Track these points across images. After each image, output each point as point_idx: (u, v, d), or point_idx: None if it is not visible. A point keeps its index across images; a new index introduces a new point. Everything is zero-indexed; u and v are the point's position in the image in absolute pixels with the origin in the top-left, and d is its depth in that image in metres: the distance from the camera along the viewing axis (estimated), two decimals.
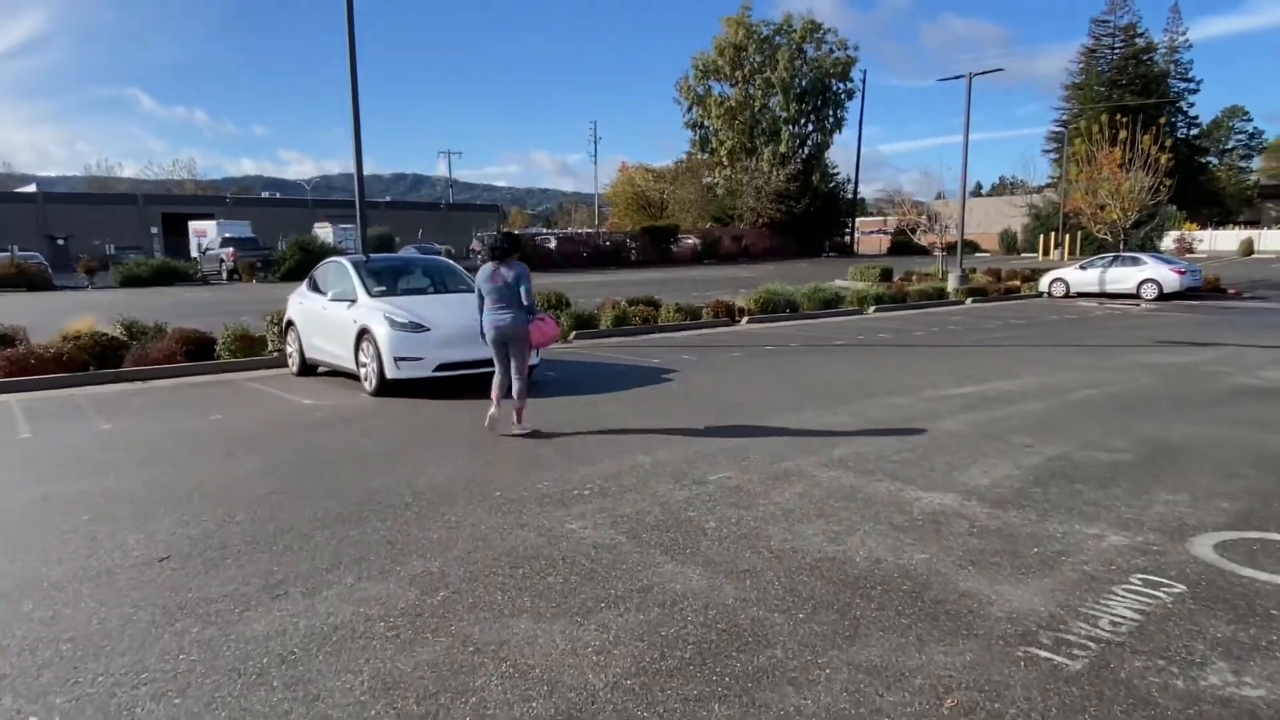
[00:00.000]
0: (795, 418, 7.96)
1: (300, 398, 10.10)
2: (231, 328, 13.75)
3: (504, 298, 7.40)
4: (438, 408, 9.06)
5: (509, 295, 7.38)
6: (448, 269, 12.17)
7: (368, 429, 8.02)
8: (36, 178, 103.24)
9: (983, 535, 4.58)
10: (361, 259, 12.05)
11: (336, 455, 6.92)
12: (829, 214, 58.92)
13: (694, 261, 50.02)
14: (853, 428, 7.46)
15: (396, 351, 9.72)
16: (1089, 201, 32.38)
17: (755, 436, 7.17)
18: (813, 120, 59.20)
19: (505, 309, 7.41)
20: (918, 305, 23.21)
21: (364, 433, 7.84)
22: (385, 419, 8.53)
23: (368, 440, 7.48)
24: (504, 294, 7.39)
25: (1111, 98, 72.78)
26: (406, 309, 10.17)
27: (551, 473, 6.12)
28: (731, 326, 18.37)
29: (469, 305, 11.10)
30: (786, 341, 14.99)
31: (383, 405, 9.39)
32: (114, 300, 28.19)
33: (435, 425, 8.13)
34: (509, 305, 7.39)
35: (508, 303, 7.39)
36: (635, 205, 69.14)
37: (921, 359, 12.43)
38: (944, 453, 6.47)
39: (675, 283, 32.24)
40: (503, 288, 7.38)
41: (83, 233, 56.89)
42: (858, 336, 15.82)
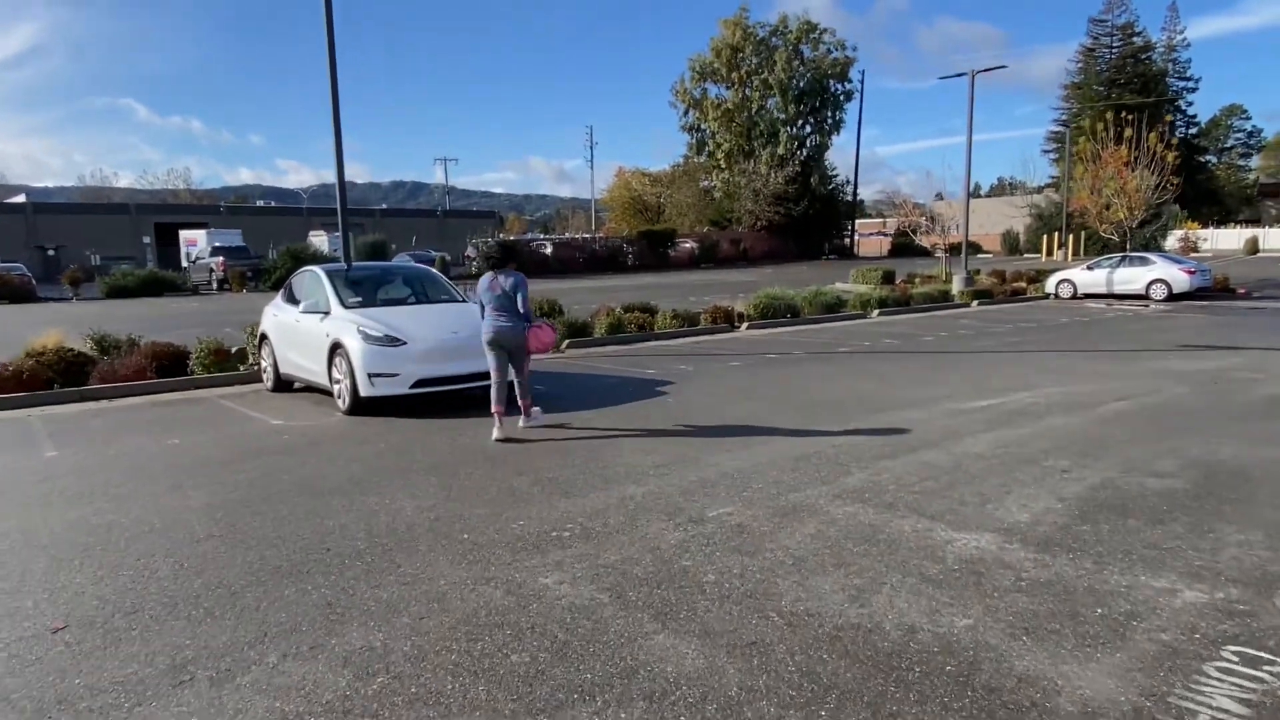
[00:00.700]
0: (802, 438, 7.25)
1: (270, 417, 9.39)
2: (205, 341, 13.05)
3: (502, 306, 7.68)
4: (415, 428, 8.35)
5: (507, 303, 7.67)
6: (429, 278, 11.46)
7: (335, 454, 7.31)
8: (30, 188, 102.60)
9: (1033, 591, 3.86)
10: (336, 267, 11.35)
11: (294, 487, 6.20)
12: (828, 216, 58.19)
13: (691, 266, 49.34)
14: (866, 449, 6.75)
15: (370, 367, 9.01)
16: (1094, 201, 31.72)
17: (758, 460, 6.45)
18: (811, 122, 58.51)
19: (504, 316, 7.68)
20: (923, 308, 22.53)
21: (330, 458, 7.13)
22: (356, 442, 7.81)
23: (332, 468, 6.76)
24: (502, 302, 7.68)
25: (1110, 97, 72.31)
26: (382, 321, 9.47)
27: (528, 508, 5.41)
28: (731, 333, 17.68)
29: (451, 316, 10.44)
30: (789, 349, 14.29)
31: (356, 426, 8.68)
32: (97, 312, 27.47)
33: (409, 448, 7.41)
34: (507, 313, 7.67)
35: (506, 311, 7.67)
36: (632, 210, 68.51)
37: (933, 367, 11.72)
38: (972, 480, 5.75)
39: (672, 288, 31.54)
40: (501, 296, 7.68)
41: (74, 243, 56.13)
42: (863, 343, 15.12)
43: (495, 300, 7.69)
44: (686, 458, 6.64)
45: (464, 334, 9.53)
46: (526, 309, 7.70)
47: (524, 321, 7.68)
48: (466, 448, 7.36)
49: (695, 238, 53.24)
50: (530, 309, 7.82)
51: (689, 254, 50.85)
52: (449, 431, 8.11)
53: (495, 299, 7.69)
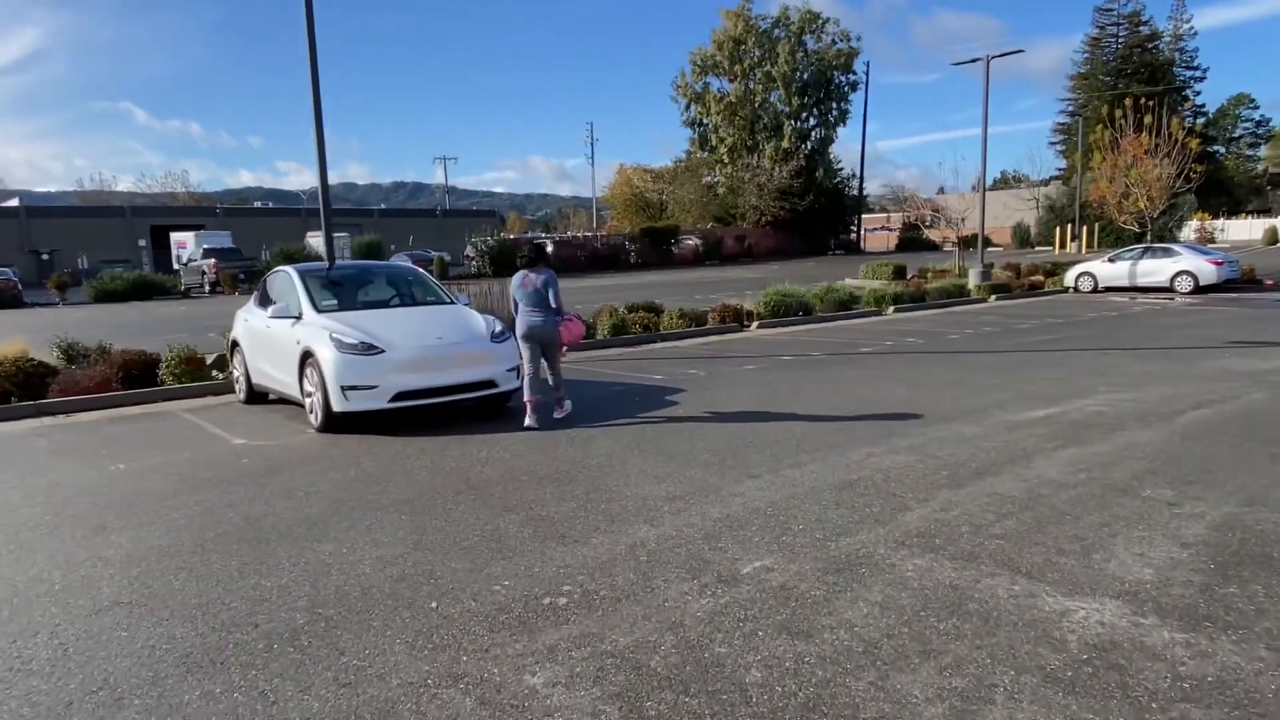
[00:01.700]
0: (840, 457, 6.20)
1: (233, 436, 8.36)
2: (176, 349, 12.03)
3: (535, 302, 8.09)
4: (393, 448, 7.31)
5: (539, 299, 8.08)
6: (415, 278, 10.41)
7: (295, 484, 6.27)
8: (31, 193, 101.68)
9: (1207, 700, 2.80)
10: (311, 267, 10.32)
11: (238, 530, 5.16)
12: (834, 211, 56.98)
13: (696, 263, 48.25)
14: (919, 474, 5.70)
15: (343, 379, 7.97)
16: (1113, 190, 30.63)
17: (793, 489, 5.41)
18: (815, 114, 57.26)
19: (537, 312, 8.08)
20: (939, 304, 21.46)
21: (288, 490, 6.09)
22: (322, 467, 6.77)
23: (288, 503, 5.72)
24: (535, 299, 8.09)
25: (1117, 86, 71.15)
26: (358, 326, 8.43)
27: (515, 560, 4.36)
28: (741, 333, 16.63)
29: (437, 320, 9.39)
30: (805, 350, 13.23)
31: (326, 446, 7.64)
32: (80, 318, 26.51)
33: (383, 475, 6.37)
34: (541, 309, 8.08)
35: (539, 307, 8.08)
36: (634, 207, 67.37)
37: (969, 370, 10.66)
38: (1062, 519, 4.70)
39: (677, 285, 30.48)
40: (533, 293, 8.09)
41: (69, 247, 55.24)
42: (885, 342, 14.06)
43: (528, 297, 8.08)
44: (706, 486, 5.59)
45: (451, 340, 8.50)
46: (559, 303, 8.15)
47: (556, 315, 8.12)
48: (450, 473, 6.32)
49: (699, 234, 52.13)
50: (562, 303, 8.26)
51: (693, 251, 49.76)
52: (432, 452, 7.07)
53: (528, 296, 8.08)
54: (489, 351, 8.63)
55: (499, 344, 8.78)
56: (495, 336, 8.83)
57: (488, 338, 8.73)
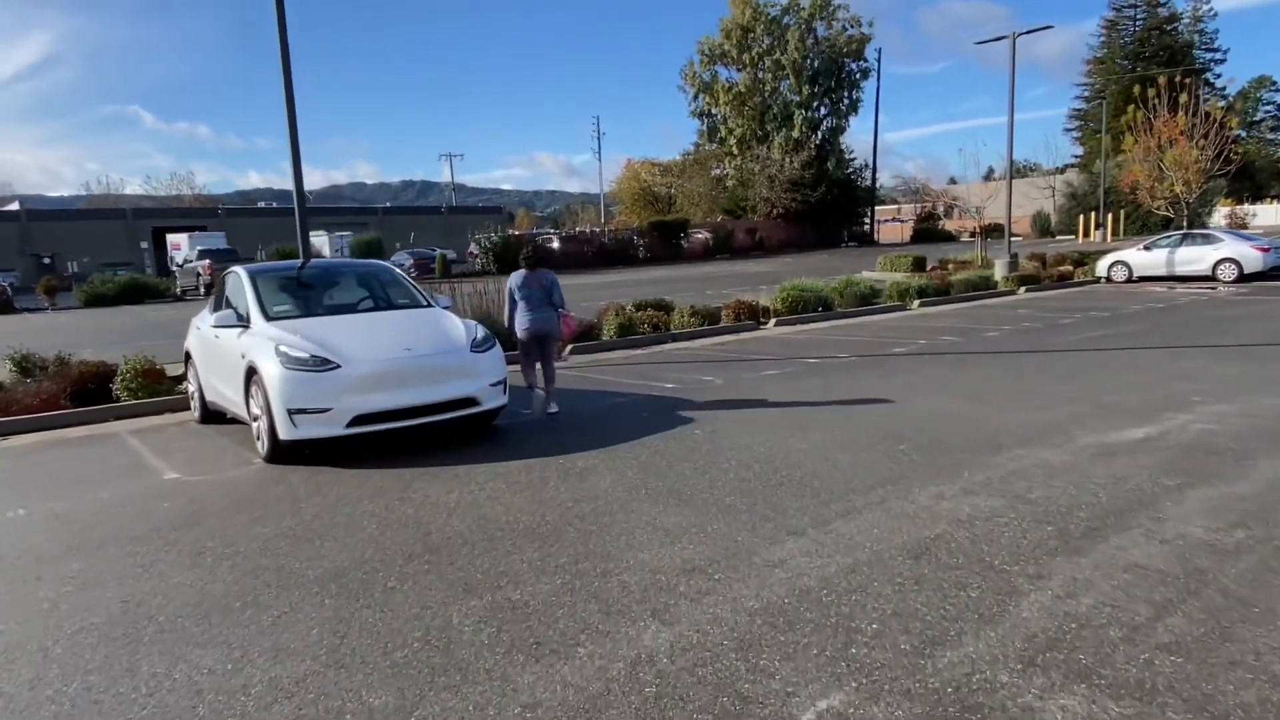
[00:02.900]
0: (903, 500, 4.84)
1: (169, 468, 7.07)
2: (133, 359, 10.77)
3: (542, 300, 8.28)
4: (346, 486, 5.98)
5: (543, 298, 8.29)
6: (388, 278, 9.07)
7: (211, 542, 4.95)
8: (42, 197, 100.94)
9: None
10: (266, 266, 9.03)
11: (107, 622, 3.85)
12: (846, 202, 55.27)
13: (706, 257, 46.81)
14: (1017, 530, 4.32)
15: (291, 400, 6.65)
16: (1147, 173, 28.99)
17: (852, 555, 4.05)
18: (826, 103, 55.55)
19: (541, 310, 8.25)
20: (966, 297, 19.99)
21: (197, 552, 4.77)
22: (253, 516, 5.46)
23: (188, 576, 4.40)
24: (539, 297, 8.28)
25: (1135, 70, 69.25)
26: (312, 337, 7.10)
27: (465, 692, 3.01)
28: (757, 331, 15.25)
29: (408, 327, 7.99)
30: (831, 351, 11.84)
31: (268, 483, 6.33)
32: (64, 323, 25.37)
33: (322, 530, 5.05)
34: (543, 307, 8.27)
35: (541, 304, 8.26)
36: (642, 201, 66.04)
37: (1026, 375, 9.26)
38: (1247, 611, 3.31)
39: (687, 281, 29.10)
40: (538, 292, 8.29)
41: (70, 250, 54.34)
42: (917, 341, 12.66)
43: (534, 296, 8.25)
44: (735, 549, 4.23)
45: (422, 351, 7.16)
46: (560, 298, 8.43)
47: (556, 311, 8.35)
48: (406, 526, 4.99)
49: (709, 228, 50.67)
50: (563, 299, 8.53)
51: (703, 245, 48.32)
52: (391, 493, 5.75)
53: (532, 294, 8.26)
54: (468, 363, 7.30)
55: (481, 354, 7.45)
56: (477, 345, 7.50)
57: (467, 347, 7.40)
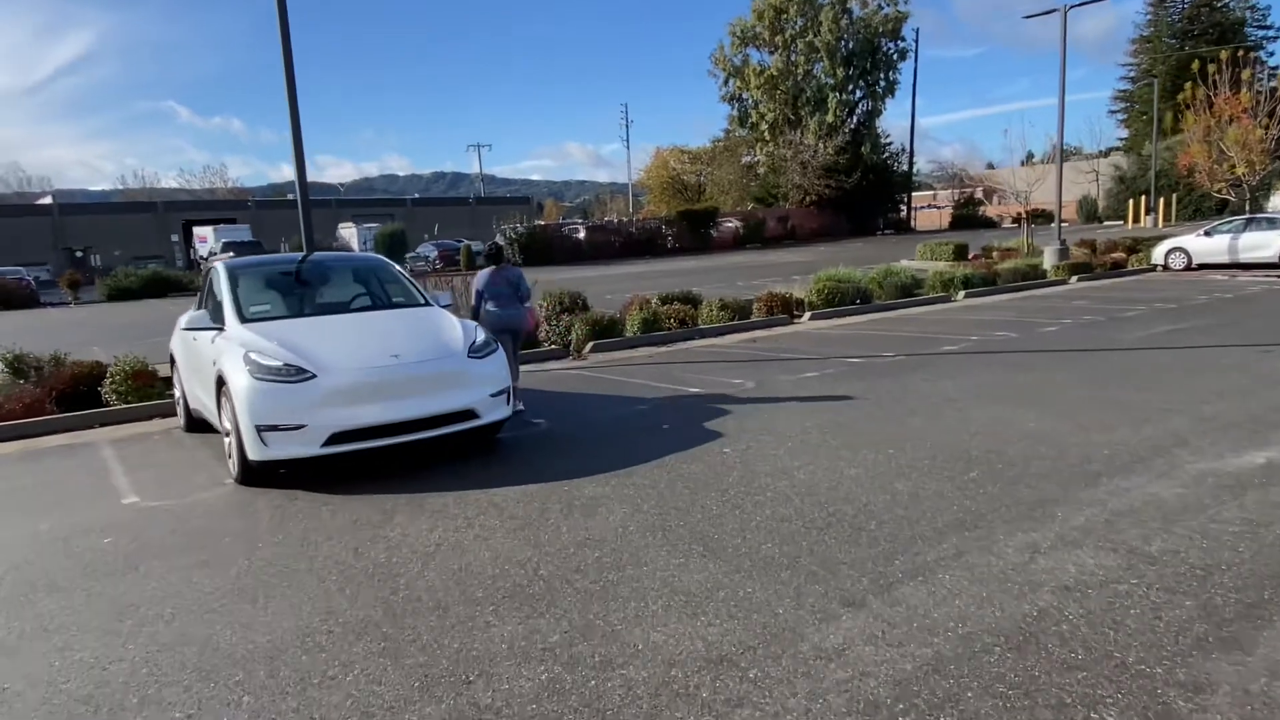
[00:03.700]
0: (988, 555, 3.85)
1: (132, 488, 6.30)
2: (123, 361, 10.08)
3: (510, 296, 8.20)
4: (318, 519, 5.12)
5: (510, 293, 8.21)
6: (385, 274, 8.18)
7: (146, 591, 4.12)
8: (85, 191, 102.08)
9: None
10: (249, 261, 8.22)
11: None
12: (882, 188, 53.52)
13: (736, 247, 45.60)
14: (1146, 604, 3.32)
15: (260, 415, 5.80)
16: (1206, 154, 27.29)
17: (930, 644, 3.08)
18: (862, 86, 53.77)
19: (509, 305, 8.17)
20: (1014, 287, 18.74)
21: (121, 610, 3.93)
22: (201, 557, 4.61)
23: (100, 647, 3.56)
24: (507, 293, 8.19)
25: (1184, 48, 66.45)
26: (289, 342, 6.26)
27: None
28: (791, 326, 14.23)
29: (397, 330, 6.84)
30: (874, 348, 10.79)
31: (233, 512, 5.50)
32: (82, 318, 25.03)
33: (280, 579, 4.19)
34: (511, 302, 8.19)
35: (509, 300, 8.19)
36: (671, 190, 64.88)
37: (1101, 379, 8.15)
38: None
39: (716, 271, 28.05)
40: (505, 288, 8.19)
41: (102, 243, 54.65)
42: (968, 337, 11.56)
43: (502, 292, 8.16)
44: (775, 630, 3.27)
45: (412, 357, 6.27)
46: (526, 292, 8.44)
47: (523, 306, 8.34)
48: (371, 580, 4.10)
49: (739, 216, 49.40)
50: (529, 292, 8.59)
51: (733, 234, 47.08)
52: (367, 529, 4.87)
53: (502, 291, 8.17)
54: (465, 371, 6.40)
55: (481, 360, 6.56)
56: (476, 350, 6.61)
57: (464, 352, 6.51)
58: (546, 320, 13.38)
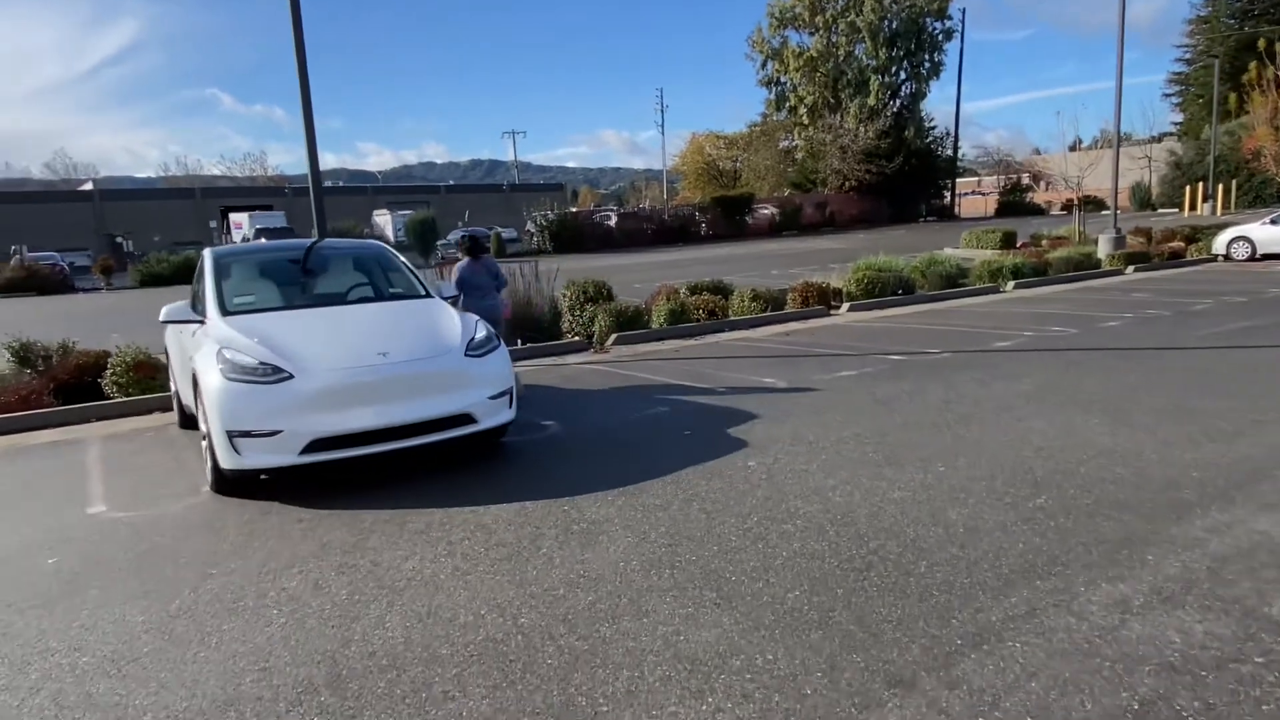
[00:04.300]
0: (1068, 616, 3.11)
1: (104, 495, 5.80)
2: (124, 351, 9.69)
3: (489, 287, 8.40)
4: (286, 539, 4.53)
5: (490, 284, 8.45)
6: (385, 263, 7.57)
7: (70, 631, 3.56)
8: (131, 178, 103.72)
9: None
10: (237, 249, 7.69)
11: None
12: (925, 173, 51.86)
13: (772, 234, 44.55)
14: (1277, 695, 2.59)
15: (232, 420, 5.23)
16: (1274, 137, 25.73)
17: None
18: (905, 67, 52.09)
19: (489, 296, 8.34)
20: (1068, 278, 17.67)
21: (26, 658, 3.37)
22: (152, 584, 4.05)
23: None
24: (488, 283, 8.41)
25: (1243, 29, 63.55)
26: (268, 337, 5.68)
27: None
28: (828, 318, 13.42)
29: (391, 325, 6.07)
30: (917, 344, 9.96)
31: (198, 528, 4.94)
32: (111, 304, 24.99)
33: (221, 620, 3.60)
34: (490, 293, 8.40)
35: (489, 291, 8.38)
36: (706, 176, 63.86)
37: (1175, 383, 7.27)
38: None
39: (751, 260, 27.20)
40: (486, 278, 8.41)
41: (142, 229, 55.25)
42: (1023, 332, 10.67)
43: (483, 282, 8.31)
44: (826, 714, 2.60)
45: (401, 356, 5.64)
46: (504, 282, 8.79)
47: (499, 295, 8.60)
48: (322, 626, 3.48)
49: (775, 202, 48.26)
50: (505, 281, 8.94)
51: (768, 221, 46.00)
52: (332, 556, 4.27)
53: (482, 281, 8.31)
54: (462, 371, 5.77)
55: (479, 358, 5.92)
56: (474, 347, 5.97)
57: (460, 350, 5.87)
58: (570, 310, 12.81)
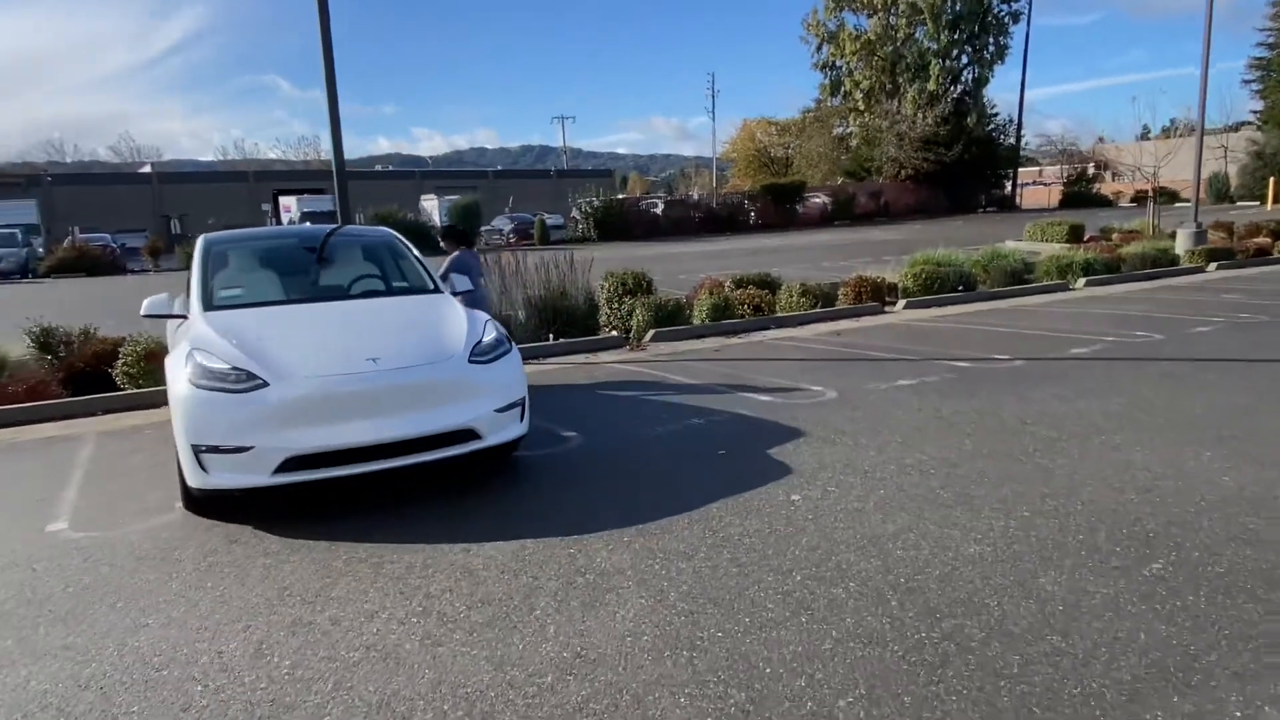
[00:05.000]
0: None
1: (72, 508, 5.23)
2: (139, 341, 9.22)
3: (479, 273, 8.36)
4: (244, 582, 3.86)
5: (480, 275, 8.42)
6: (392, 252, 6.86)
7: None
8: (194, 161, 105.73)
9: None
10: (235, 235, 7.01)
11: None
12: (985, 162, 49.71)
13: (823, 224, 43.17)
14: None
15: (197, 433, 4.57)
16: None
17: None
18: (968, 51, 49.91)
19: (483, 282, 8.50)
20: (1143, 275, 16.30)
21: None
22: (74, 635, 3.41)
23: None
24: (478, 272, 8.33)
25: None
26: (249, 337, 5.01)
27: None
28: (882, 316, 12.45)
29: (387, 323, 5.18)
30: (983, 347, 8.97)
31: (154, 557, 4.31)
32: (159, 285, 24.96)
33: (139, 692, 2.93)
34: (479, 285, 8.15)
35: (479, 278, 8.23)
36: (757, 164, 62.49)
37: None
38: None
39: (800, 250, 26.12)
40: (478, 265, 8.55)
41: (197, 212, 56.09)
42: (1101, 338, 9.59)
43: (477, 268, 8.28)
44: None
45: (394, 361, 4.89)
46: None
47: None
48: (249, 712, 2.79)
49: (827, 191, 46.80)
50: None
51: (820, 210, 44.61)
52: (288, 608, 3.58)
53: (477, 268, 8.30)
54: (465, 379, 5.03)
55: (485, 365, 5.17)
56: (480, 353, 5.22)
57: (463, 354, 5.13)
58: (607, 303, 12.09)
